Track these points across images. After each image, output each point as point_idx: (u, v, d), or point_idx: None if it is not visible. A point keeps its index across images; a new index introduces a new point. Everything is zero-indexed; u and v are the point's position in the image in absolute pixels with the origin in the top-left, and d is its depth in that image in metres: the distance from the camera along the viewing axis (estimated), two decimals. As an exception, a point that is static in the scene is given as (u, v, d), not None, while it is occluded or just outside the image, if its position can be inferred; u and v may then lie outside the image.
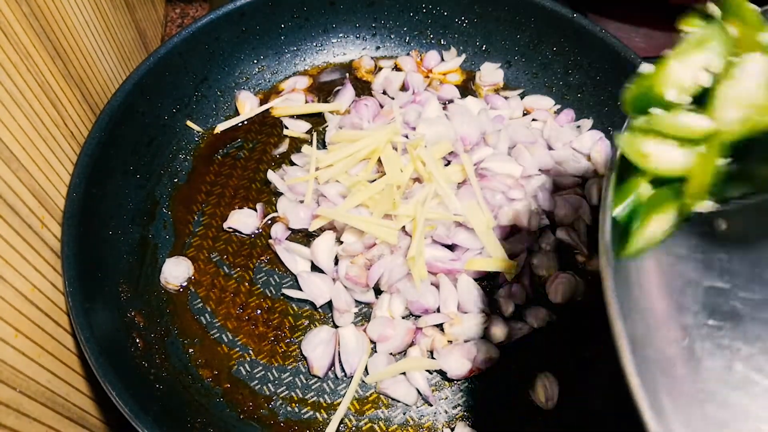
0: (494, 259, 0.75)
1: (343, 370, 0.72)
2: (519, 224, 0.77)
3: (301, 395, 0.73)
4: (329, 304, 0.76)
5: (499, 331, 0.75)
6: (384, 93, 0.96)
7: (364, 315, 0.78)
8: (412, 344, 0.74)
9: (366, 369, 0.73)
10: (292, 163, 0.89)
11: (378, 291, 0.77)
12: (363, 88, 0.97)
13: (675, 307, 0.37)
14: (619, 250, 0.37)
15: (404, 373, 0.73)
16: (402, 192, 0.77)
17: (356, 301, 0.77)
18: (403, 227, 0.75)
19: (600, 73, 0.90)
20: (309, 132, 0.93)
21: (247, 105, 0.94)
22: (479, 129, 0.85)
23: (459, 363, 0.72)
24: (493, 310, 0.77)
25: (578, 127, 0.92)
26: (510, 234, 0.79)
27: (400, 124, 0.84)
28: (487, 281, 0.79)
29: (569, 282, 0.79)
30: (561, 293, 0.78)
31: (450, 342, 0.74)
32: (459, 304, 0.75)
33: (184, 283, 0.79)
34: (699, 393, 0.33)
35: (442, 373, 0.73)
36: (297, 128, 0.93)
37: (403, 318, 0.75)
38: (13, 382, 0.56)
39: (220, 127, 0.92)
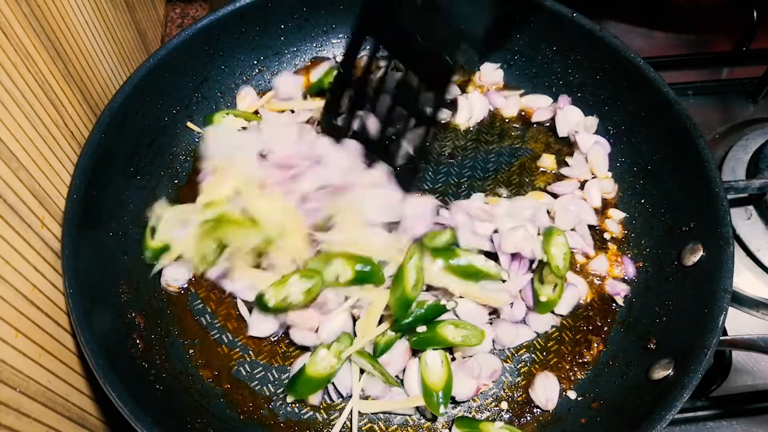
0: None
1: (337, 392, 0.71)
2: (519, 252, 0.76)
3: (301, 395, 0.73)
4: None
5: (503, 337, 0.74)
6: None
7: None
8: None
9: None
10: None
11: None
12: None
13: None
14: None
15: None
16: None
17: None
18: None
19: (600, 72, 0.90)
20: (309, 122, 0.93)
21: (247, 100, 0.94)
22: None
23: (464, 384, 0.71)
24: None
25: (578, 126, 0.92)
26: (513, 259, 0.77)
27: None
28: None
29: (573, 293, 0.78)
30: (565, 304, 0.77)
31: (453, 359, 0.73)
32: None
33: (185, 285, 0.79)
34: None
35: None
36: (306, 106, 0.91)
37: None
38: (13, 382, 0.56)
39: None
